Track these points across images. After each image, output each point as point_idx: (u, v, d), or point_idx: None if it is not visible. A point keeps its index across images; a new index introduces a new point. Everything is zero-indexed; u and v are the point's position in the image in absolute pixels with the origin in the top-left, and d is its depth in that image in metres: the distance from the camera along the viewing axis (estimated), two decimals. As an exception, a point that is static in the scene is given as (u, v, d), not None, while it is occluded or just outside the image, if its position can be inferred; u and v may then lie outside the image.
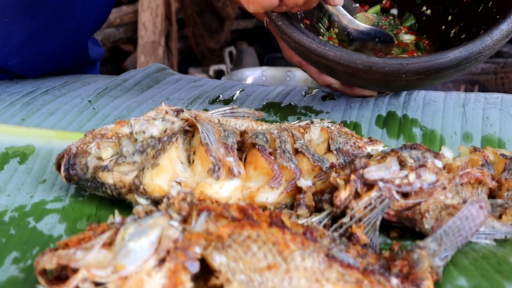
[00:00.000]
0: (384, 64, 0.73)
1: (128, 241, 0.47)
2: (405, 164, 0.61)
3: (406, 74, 0.73)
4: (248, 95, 0.99)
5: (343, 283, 0.50)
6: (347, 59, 0.74)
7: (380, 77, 0.75)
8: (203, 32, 3.55)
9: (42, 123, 0.85)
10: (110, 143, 0.66)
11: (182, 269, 0.46)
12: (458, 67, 0.73)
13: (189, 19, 3.48)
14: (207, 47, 3.62)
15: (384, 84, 0.82)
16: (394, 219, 0.60)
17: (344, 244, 0.54)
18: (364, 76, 0.77)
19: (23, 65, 1.03)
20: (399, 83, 0.79)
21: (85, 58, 1.16)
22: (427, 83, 0.80)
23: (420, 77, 0.75)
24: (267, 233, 0.50)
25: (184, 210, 0.52)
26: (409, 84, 0.81)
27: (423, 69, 0.73)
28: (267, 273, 0.48)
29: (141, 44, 2.97)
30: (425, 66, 0.73)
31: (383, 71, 0.73)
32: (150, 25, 2.92)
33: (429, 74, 0.74)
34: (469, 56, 0.72)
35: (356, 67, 0.74)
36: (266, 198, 0.64)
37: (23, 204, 0.66)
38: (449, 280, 0.53)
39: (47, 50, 1.03)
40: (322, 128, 0.73)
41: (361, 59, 0.74)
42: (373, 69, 0.73)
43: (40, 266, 0.49)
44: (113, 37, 3.25)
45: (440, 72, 0.73)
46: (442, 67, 0.72)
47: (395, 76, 0.74)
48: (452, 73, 0.76)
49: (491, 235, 0.60)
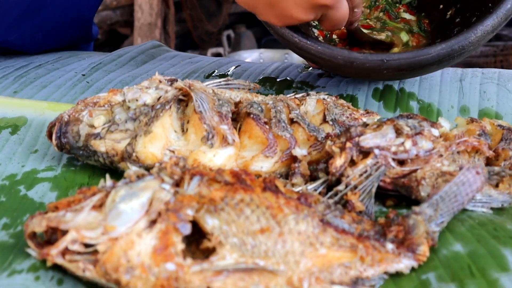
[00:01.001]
0: (365, 60, 0.72)
1: (118, 203, 0.47)
2: (401, 132, 0.60)
3: (387, 70, 0.72)
4: (244, 70, 0.98)
5: (337, 248, 0.49)
6: (329, 54, 0.73)
7: (362, 71, 0.75)
8: (201, 15, 3.52)
9: (35, 96, 0.84)
10: (103, 111, 0.65)
11: (173, 231, 0.45)
12: (441, 62, 0.72)
13: (187, 2, 3.45)
14: (205, 30, 3.59)
15: (366, 76, 0.82)
16: (390, 187, 0.59)
17: (339, 210, 0.54)
18: (346, 70, 0.77)
19: (23, 40, 1.01)
20: (381, 76, 0.79)
21: (87, 35, 1.14)
22: (410, 76, 0.80)
23: (402, 72, 0.74)
24: (260, 197, 0.50)
25: (176, 174, 0.51)
26: (391, 77, 0.81)
27: (405, 66, 0.72)
28: (260, 236, 0.48)
29: (137, 26, 2.95)
30: (407, 62, 0.72)
31: (364, 67, 0.73)
32: (146, 6, 2.89)
33: (411, 70, 0.73)
34: (452, 53, 0.71)
35: (337, 63, 0.73)
36: (261, 167, 0.63)
37: (14, 173, 0.65)
38: (445, 246, 0.52)
39: (47, 24, 1.02)
40: (318, 99, 0.72)
41: (342, 54, 0.73)
42: (354, 65, 0.73)
43: (29, 229, 0.48)
44: (110, 20, 3.22)
45: (422, 68, 0.73)
46: (424, 64, 0.71)
47: (376, 71, 0.74)
48: (435, 68, 0.75)
49: (488, 204, 0.59)
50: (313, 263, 0.48)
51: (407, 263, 0.50)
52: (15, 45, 1.02)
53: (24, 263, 0.49)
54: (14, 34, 1.00)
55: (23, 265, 0.49)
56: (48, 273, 0.48)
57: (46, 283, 0.48)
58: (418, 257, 0.50)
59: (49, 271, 0.48)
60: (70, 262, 0.46)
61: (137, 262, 0.44)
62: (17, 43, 1.02)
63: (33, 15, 0.99)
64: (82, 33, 1.10)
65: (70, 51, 1.08)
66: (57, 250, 0.45)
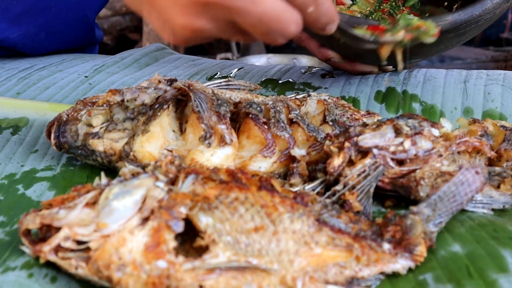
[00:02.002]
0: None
1: (111, 200, 0.46)
2: (401, 132, 0.60)
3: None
4: (247, 72, 0.98)
5: (332, 247, 0.49)
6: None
7: (376, 47, 0.73)
8: (209, 22, 3.53)
9: (38, 97, 0.85)
10: (101, 111, 0.65)
11: (166, 228, 0.45)
12: (458, 31, 0.71)
13: (196, 8, 3.46)
14: (214, 36, 3.60)
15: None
16: (388, 187, 0.59)
17: (336, 210, 0.53)
18: (360, 48, 0.75)
19: (25, 39, 1.01)
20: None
21: (91, 38, 1.15)
22: (426, 50, 0.78)
23: (419, 43, 0.73)
24: (255, 196, 0.49)
25: (171, 172, 0.51)
26: (407, 51, 0.79)
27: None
28: (254, 235, 0.47)
29: (146, 31, 2.96)
30: None
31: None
32: (155, 12, 2.91)
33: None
34: (469, 20, 0.70)
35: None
36: (259, 167, 0.63)
37: (13, 172, 0.65)
38: (443, 247, 0.52)
39: (50, 25, 1.02)
40: (318, 100, 0.72)
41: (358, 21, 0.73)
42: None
43: (23, 226, 0.48)
44: (120, 26, 3.24)
45: (439, 37, 0.72)
46: (441, 31, 0.71)
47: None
48: (451, 38, 0.74)
49: (489, 205, 0.58)
50: (307, 262, 0.47)
51: (404, 263, 0.49)
52: (17, 44, 1.03)
53: (18, 260, 0.49)
54: (16, 31, 1.00)
55: (17, 262, 0.49)
56: (41, 271, 0.48)
57: (39, 281, 0.47)
58: (415, 257, 0.50)
59: (43, 268, 0.48)
60: (63, 259, 0.46)
61: (129, 259, 0.44)
62: (20, 42, 1.02)
63: (37, 15, 0.99)
64: (85, 35, 1.11)
65: (74, 54, 1.09)
66: (50, 247, 0.45)
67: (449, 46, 0.79)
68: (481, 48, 3.56)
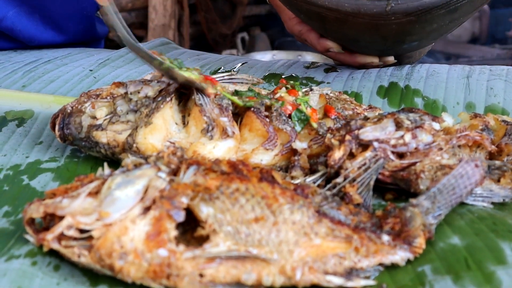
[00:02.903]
0: (372, 5, 0.73)
1: (114, 190, 0.47)
2: (402, 125, 0.60)
3: (395, 15, 0.72)
4: (250, 67, 0.98)
5: (332, 238, 0.49)
6: (336, 3, 0.74)
7: (370, 20, 0.74)
8: (215, 17, 3.54)
9: (43, 90, 0.86)
10: (105, 103, 0.65)
11: (167, 217, 0.45)
12: (449, 6, 0.71)
13: (201, 4, 3.47)
14: (219, 32, 3.61)
15: (375, 29, 0.80)
16: (389, 180, 0.59)
17: (336, 202, 0.53)
18: (354, 21, 0.76)
19: (20, 19, 1.02)
20: (390, 27, 0.77)
21: (91, 31, 1.15)
22: (419, 29, 0.77)
23: (410, 19, 0.73)
24: (256, 187, 0.50)
25: (173, 163, 0.51)
26: (400, 29, 0.79)
27: (412, 9, 0.72)
28: (254, 225, 0.48)
29: (151, 27, 2.97)
30: (414, 6, 0.72)
31: (372, 12, 0.73)
32: (160, 8, 2.92)
33: (419, 15, 0.72)
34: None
35: (344, 11, 0.74)
36: (261, 160, 0.63)
37: (18, 163, 0.66)
38: (442, 239, 0.52)
39: (44, 8, 1.03)
40: (320, 94, 0.72)
41: (349, 2, 0.74)
42: (362, 12, 0.73)
43: (27, 215, 0.49)
44: (125, 22, 3.24)
45: (430, 13, 0.72)
46: (431, 6, 0.71)
47: (384, 18, 0.73)
48: (443, 16, 0.73)
49: (489, 198, 0.58)
50: (306, 253, 0.48)
51: (403, 255, 0.50)
52: (14, 27, 1.03)
53: (22, 249, 0.50)
54: (11, 8, 1.01)
55: (21, 251, 0.50)
56: (45, 259, 0.49)
57: (43, 269, 0.48)
58: (414, 249, 0.50)
59: (46, 257, 0.49)
60: (66, 248, 0.47)
61: (130, 247, 0.45)
62: (17, 24, 1.03)
63: None
64: (85, 28, 1.11)
65: (80, 48, 1.10)
66: (53, 235, 0.46)
67: (442, 25, 0.78)
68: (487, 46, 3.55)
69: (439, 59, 3.37)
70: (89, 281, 0.48)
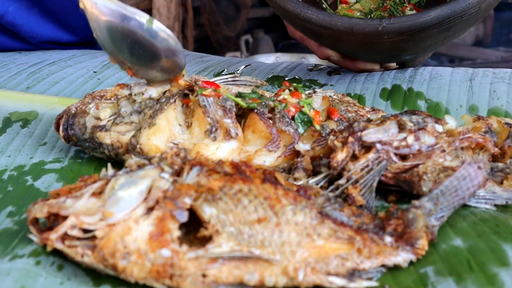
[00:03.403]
0: (364, 25, 0.73)
1: (117, 190, 0.47)
2: (405, 127, 0.60)
3: (387, 34, 0.72)
4: (253, 70, 0.98)
5: (334, 239, 0.49)
6: (329, 21, 0.74)
7: (363, 38, 0.74)
8: (219, 20, 3.54)
9: (47, 91, 0.86)
10: (109, 104, 0.66)
11: (170, 218, 0.46)
12: (442, 26, 0.71)
13: (205, 6, 3.47)
14: (223, 35, 3.61)
15: (369, 46, 0.81)
16: (391, 182, 0.59)
17: (339, 203, 0.54)
18: (348, 39, 0.76)
19: (21, 13, 1.03)
20: (383, 45, 0.77)
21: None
22: (413, 46, 0.78)
23: (403, 38, 0.73)
24: (259, 188, 0.50)
25: (176, 164, 0.52)
26: (394, 46, 0.79)
27: (404, 29, 0.71)
28: (257, 226, 0.48)
29: (155, 30, 2.98)
30: (406, 25, 0.71)
31: (364, 32, 0.73)
32: (164, 10, 2.92)
33: (412, 34, 0.72)
34: (452, 15, 0.70)
35: (338, 29, 0.74)
36: (264, 161, 0.63)
37: (22, 164, 0.66)
38: (445, 241, 0.52)
39: (43, 2, 1.04)
40: (324, 96, 0.72)
41: (342, 21, 0.74)
42: (354, 31, 0.73)
43: (31, 215, 0.49)
44: (129, 24, 3.25)
45: (423, 32, 0.72)
46: (424, 26, 0.71)
47: (377, 37, 0.73)
48: (437, 34, 0.73)
49: (492, 200, 0.58)
50: (309, 254, 0.48)
51: (406, 256, 0.50)
52: (16, 22, 1.04)
53: (26, 249, 0.50)
54: (12, 3, 1.02)
55: (25, 250, 0.50)
56: (49, 259, 0.49)
57: (46, 268, 0.48)
58: (417, 251, 0.50)
59: (50, 256, 0.49)
60: (69, 248, 0.47)
61: (134, 247, 0.45)
62: (17, 18, 1.03)
63: None
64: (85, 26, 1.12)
65: (84, 49, 1.10)
66: (57, 235, 0.46)
67: (437, 42, 0.78)
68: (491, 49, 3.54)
69: (443, 62, 3.37)
70: (92, 281, 0.48)
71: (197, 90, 0.65)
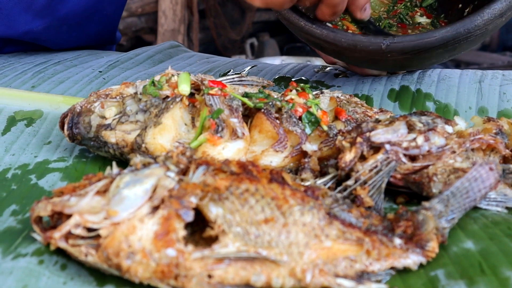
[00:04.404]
0: (368, 43, 0.71)
1: (122, 188, 0.47)
2: (414, 128, 0.59)
3: (391, 53, 0.71)
4: (260, 70, 0.98)
5: (343, 240, 0.48)
6: (333, 37, 0.73)
7: (366, 55, 0.74)
8: (224, 23, 3.54)
9: (52, 91, 0.85)
10: (114, 103, 0.65)
11: (176, 217, 0.45)
12: (446, 47, 0.70)
13: (211, 10, 3.47)
14: (229, 38, 3.61)
15: (372, 62, 0.80)
16: (401, 183, 0.58)
17: (347, 204, 0.53)
18: (351, 55, 0.75)
19: (48, 32, 1.02)
20: (387, 62, 0.77)
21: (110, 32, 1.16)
22: (416, 63, 0.77)
23: (407, 57, 0.72)
24: (266, 188, 0.49)
25: (182, 163, 0.51)
26: (397, 63, 0.78)
27: (409, 49, 0.70)
28: (264, 226, 0.47)
29: (161, 32, 2.98)
30: (410, 45, 0.70)
31: (367, 49, 0.72)
32: (170, 13, 2.93)
33: (416, 53, 0.71)
34: (457, 36, 0.68)
35: (341, 45, 0.73)
36: (270, 162, 0.63)
37: (26, 162, 0.66)
38: (456, 243, 0.51)
39: (71, 18, 1.03)
40: (331, 97, 0.71)
41: (345, 37, 0.72)
42: (358, 48, 0.72)
43: (35, 213, 0.48)
44: (135, 27, 3.27)
45: (428, 52, 0.71)
46: (428, 47, 0.69)
47: (380, 55, 0.72)
48: (442, 54, 0.73)
49: (503, 203, 0.57)
50: (317, 255, 0.47)
51: (415, 259, 0.49)
52: (40, 38, 1.03)
53: (29, 247, 0.50)
54: (39, 24, 1.01)
55: (28, 249, 0.49)
56: (52, 258, 0.48)
57: (50, 267, 0.48)
58: (427, 253, 0.49)
59: (53, 255, 0.49)
60: (73, 246, 0.46)
61: (138, 247, 0.44)
62: (43, 35, 1.03)
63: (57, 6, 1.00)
64: (104, 28, 1.11)
65: (89, 50, 1.10)
66: (60, 233, 0.46)
67: (441, 60, 0.78)
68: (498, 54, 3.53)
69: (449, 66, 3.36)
70: (96, 281, 0.47)
71: (203, 89, 0.64)
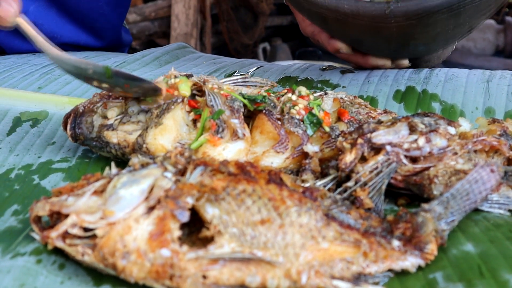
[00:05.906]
0: (371, 7, 0.71)
1: (119, 189, 0.47)
2: (416, 129, 0.59)
3: (395, 18, 0.70)
4: (265, 71, 0.97)
5: (340, 242, 0.48)
6: (335, 4, 0.73)
7: (370, 22, 0.73)
8: (237, 27, 3.55)
9: (58, 92, 0.86)
10: (117, 103, 0.65)
11: (171, 217, 0.45)
12: (451, 11, 0.69)
13: (224, 14, 3.48)
14: (241, 42, 3.62)
15: (376, 32, 0.79)
16: (401, 185, 0.57)
17: (346, 206, 0.52)
18: (354, 23, 0.75)
19: (41, 15, 1.04)
20: (391, 30, 0.75)
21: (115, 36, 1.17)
22: (421, 33, 0.75)
23: (411, 23, 0.71)
24: (263, 189, 0.49)
25: (180, 163, 0.51)
26: (402, 32, 0.77)
27: (412, 12, 0.70)
28: (260, 227, 0.47)
29: (173, 36, 3.00)
30: (414, 9, 0.70)
31: (371, 14, 0.71)
32: (183, 17, 2.94)
33: (420, 18, 0.70)
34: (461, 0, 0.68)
35: (344, 12, 0.72)
36: (271, 163, 0.62)
37: (30, 163, 0.66)
38: (455, 246, 0.50)
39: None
40: (334, 98, 0.71)
41: (348, 3, 0.73)
42: (361, 13, 0.72)
43: (34, 213, 0.49)
44: (148, 31, 3.29)
45: (432, 17, 0.70)
46: (432, 10, 0.69)
47: (384, 20, 0.71)
48: (446, 20, 0.71)
49: (506, 206, 0.56)
50: (313, 256, 0.46)
51: (414, 261, 0.48)
52: (36, 21, 1.06)
53: (28, 247, 0.50)
54: (32, 3, 1.06)
55: (26, 248, 0.50)
56: (50, 257, 0.49)
57: (47, 267, 0.48)
58: (426, 255, 0.49)
59: (51, 255, 0.49)
60: (70, 246, 0.46)
61: (133, 247, 0.44)
62: (38, 18, 1.06)
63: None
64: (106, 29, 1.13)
65: (97, 51, 1.10)
66: (57, 233, 0.46)
67: (447, 30, 0.76)
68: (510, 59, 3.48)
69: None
70: (93, 280, 0.47)
71: (205, 90, 0.65)
